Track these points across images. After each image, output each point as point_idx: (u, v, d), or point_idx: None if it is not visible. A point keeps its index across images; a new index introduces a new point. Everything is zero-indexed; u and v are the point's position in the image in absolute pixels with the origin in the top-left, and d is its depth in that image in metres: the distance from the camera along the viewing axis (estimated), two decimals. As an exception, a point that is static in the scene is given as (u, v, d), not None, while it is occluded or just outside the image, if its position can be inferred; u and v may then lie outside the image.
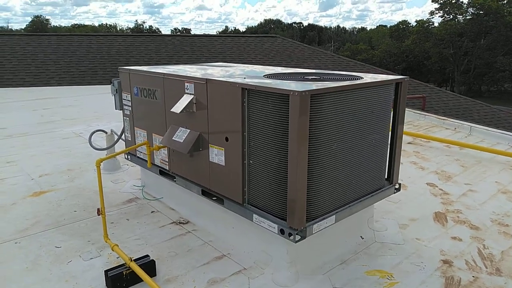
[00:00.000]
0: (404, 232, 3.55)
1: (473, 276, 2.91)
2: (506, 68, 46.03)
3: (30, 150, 5.95)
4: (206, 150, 3.14)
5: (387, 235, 3.48)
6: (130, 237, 3.45)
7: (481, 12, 48.25)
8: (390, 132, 3.23)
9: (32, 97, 10.58)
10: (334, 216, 2.80)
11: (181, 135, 3.31)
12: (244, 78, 3.00)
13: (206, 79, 3.00)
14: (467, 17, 51.34)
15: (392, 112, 3.20)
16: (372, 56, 58.83)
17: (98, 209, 3.09)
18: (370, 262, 3.08)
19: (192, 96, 3.15)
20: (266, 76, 3.16)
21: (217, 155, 3.05)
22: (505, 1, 48.60)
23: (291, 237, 2.58)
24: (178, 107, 3.16)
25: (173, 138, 3.36)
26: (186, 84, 3.21)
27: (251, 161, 2.81)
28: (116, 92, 4.19)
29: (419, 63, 55.89)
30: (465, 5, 51.36)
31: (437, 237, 3.47)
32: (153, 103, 3.66)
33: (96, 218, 3.66)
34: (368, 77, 3.07)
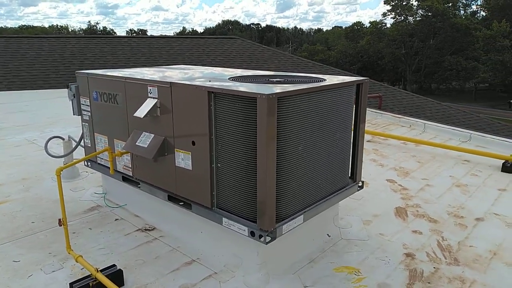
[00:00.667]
0: (368, 228, 3.66)
1: (434, 267, 3.05)
2: (453, 67, 48.67)
3: (-20, 159, 5.60)
4: (171, 154, 3.09)
5: (352, 231, 3.58)
6: (94, 246, 3.33)
7: (429, 13, 50.74)
8: (352, 132, 3.32)
9: (-22, 103, 9.96)
10: (302, 216, 2.84)
11: (145, 140, 3.24)
12: (209, 81, 2.98)
13: (170, 82, 2.96)
14: (417, 19, 53.82)
15: (354, 112, 3.29)
16: (329, 57, 60.29)
17: (60, 220, 2.96)
18: (338, 259, 3.16)
19: (156, 100, 3.09)
20: (231, 79, 3.16)
21: (183, 159, 3.01)
22: (450, 4, 51.33)
23: (262, 239, 2.59)
24: (141, 112, 3.09)
25: (136, 143, 3.28)
26: (149, 88, 3.14)
27: (219, 165, 2.80)
28: (74, 97, 4.03)
29: (373, 62, 57.92)
30: (415, 7, 53.82)
31: (399, 231, 3.61)
32: (114, 107, 3.55)
33: (57, 228, 3.50)
34: (331, 79, 3.14)
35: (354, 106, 3.28)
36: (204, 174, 2.86)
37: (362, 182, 3.51)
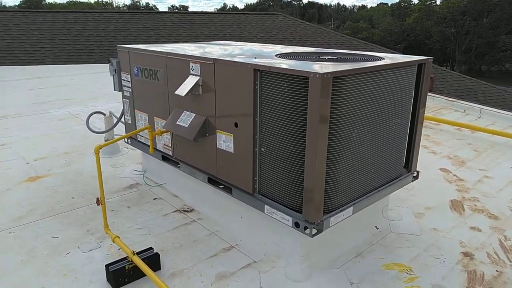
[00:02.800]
0: (420, 221, 3.38)
1: (497, 271, 2.75)
2: (508, 47, 45.50)
3: (25, 132, 5.71)
4: (213, 135, 2.92)
5: (403, 224, 3.31)
6: (131, 226, 3.26)
7: (485, -11, 47.29)
8: (410, 116, 3.01)
9: (27, 76, 10.26)
10: (352, 207, 2.61)
11: (186, 119, 3.08)
12: (255, 58, 2.76)
13: (214, 59, 2.76)
14: (471, -5, 50.36)
15: (413, 95, 2.97)
16: (372, 35, 58.02)
17: (98, 199, 2.89)
18: (387, 254, 2.91)
19: (198, 77, 2.91)
20: (278, 56, 2.92)
21: (225, 141, 2.83)
22: (510, -22, 47.63)
23: (307, 231, 2.39)
24: (183, 90, 2.92)
25: (177, 123, 3.13)
26: (191, 64, 2.96)
27: (262, 149, 2.60)
28: (115, 72, 3.93)
29: (420, 42, 55.20)
30: (469, -18, 50.35)
31: (455, 227, 3.30)
32: (155, 84, 3.41)
33: (95, 205, 3.45)
34: (389, 58, 2.82)
35: (414, 88, 2.96)
36: (247, 158, 2.68)
37: (418, 172, 3.21)
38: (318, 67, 2.29)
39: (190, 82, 2.92)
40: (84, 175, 4.25)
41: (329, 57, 2.87)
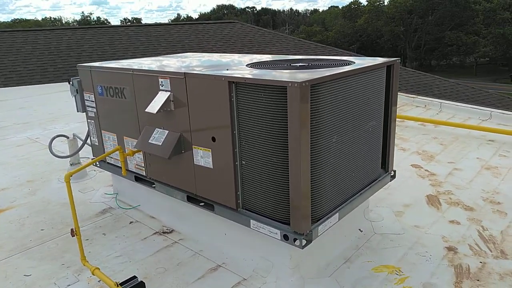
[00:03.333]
0: (401, 219, 3.42)
1: (481, 262, 2.81)
2: (453, 42, 47.99)
3: (-19, 162, 5.34)
4: (189, 152, 2.82)
5: (385, 225, 3.33)
6: (110, 254, 3.09)
7: (428, -12, 49.76)
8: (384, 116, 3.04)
9: (-24, 102, 9.65)
10: (337, 214, 2.59)
11: (159, 137, 2.96)
12: (226, 69, 2.69)
13: (184, 73, 2.67)
14: (415, -6, 52.80)
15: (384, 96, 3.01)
16: (327, 37, 59.49)
17: (72, 230, 2.71)
18: (375, 257, 2.91)
19: (169, 93, 2.81)
20: (249, 66, 2.87)
21: (203, 157, 2.74)
22: (449, -23, 50.33)
23: (297, 243, 2.34)
24: (154, 107, 2.81)
25: (149, 141, 3.00)
26: (160, 80, 2.85)
27: (243, 162, 2.53)
28: (77, 92, 3.74)
29: (372, 41, 57.19)
30: (413, -18, 52.77)
31: (435, 222, 3.37)
32: (122, 102, 3.27)
33: (68, 235, 3.25)
34: (358, 62, 2.84)
35: (385, 88, 3.00)
36: (227, 173, 2.60)
37: (394, 171, 3.24)
38: (294, 76, 2.26)
39: (161, 98, 2.81)
40: (52, 204, 4.00)
41: (300, 64, 2.85)
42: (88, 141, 3.93)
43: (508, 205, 3.59)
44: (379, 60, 2.88)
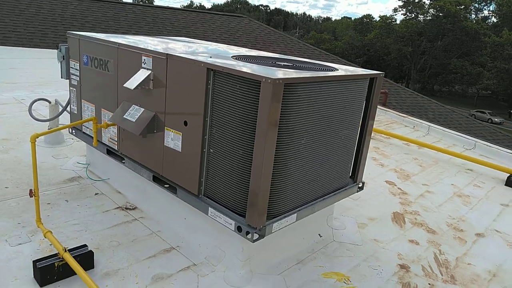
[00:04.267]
0: (363, 231, 3.45)
1: (429, 284, 2.85)
2: (458, 70, 48.31)
3: (-39, 114, 5.30)
4: (161, 132, 2.82)
5: (346, 234, 3.36)
6: (68, 221, 3.08)
7: (440, 14, 50.08)
8: (359, 128, 3.07)
9: (-30, 55, 9.57)
10: (295, 214, 2.61)
11: (134, 113, 2.96)
12: (210, 57, 2.70)
13: (167, 54, 2.67)
14: (428, 18, 53.14)
15: (363, 108, 3.03)
16: (335, 47, 59.59)
17: (31, 190, 2.71)
18: (327, 263, 2.94)
19: (150, 71, 2.81)
20: (234, 58, 2.88)
21: (173, 139, 2.74)
22: (462, 7, 50.65)
23: (249, 236, 2.36)
24: (132, 83, 2.81)
25: (124, 116, 3.00)
26: (143, 57, 2.85)
27: (211, 150, 2.54)
28: (63, 58, 3.73)
29: (379, 57, 57.38)
30: (427, 5, 53.05)
31: (395, 239, 3.40)
32: (105, 75, 3.26)
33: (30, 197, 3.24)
34: (342, 70, 2.86)
35: (365, 101, 3.02)
36: (194, 158, 2.61)
37: (363, 183, 3.27)
38: (272, 72, 2.27)
39: (141, 75, 2.81)
40: (22, 164, 3.99)
41: (285, 63, 2.86)
42: (68, 108, 3.92)
43: (469, 234, 3.64)
44: (362, 71, 2.90)
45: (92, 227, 3.04)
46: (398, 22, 56.91)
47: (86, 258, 2.53)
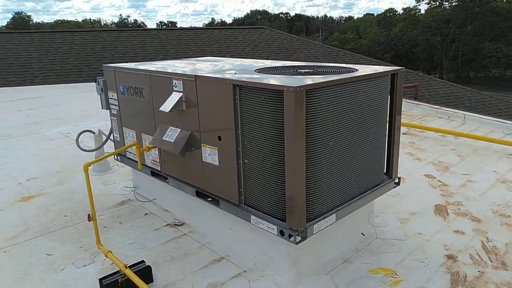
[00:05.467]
0: (406, 226, 3.47)
1: (479, 271, 2.84)
2: (493, 54, 46.35)
3: (16, 152, 5.75)
4: (198, 149, 3.01)
5: (388, 230, 3.40)
6: (124, 241, 3.32)
7: (466, -2, 48.36)
8: (388, 124, 3.13)
9: (16, 97, 10.30)
10: (334, 214, 2.70)
11: (172, 134, 3.17)
12: (235, 73, 2.87)
13: (195, 75, 2.86)
14: (453, 4, 51.52)
15: (389, 104, 3.10)
16: (360, 45, 58.82)
17: (89, 215, 2.95)
18: (373, 259, 3.00)
19: (181, 93, 3.01)
20: (257, 71, 3.03)
21: (210, 154, 2.92)
22: (490, -13, 48.75)
23: (292, 239, 2.47)
24: (167, 106, 3.02)
25: (163, 138, 3.22)
26: (174, 81, 3.06)
27: (246, 161, 2.69)
28: (102, 91, 4.02)
29: (407, 51, 56.03)
30: (451, -9, 51.46)
31: (439, 231, 3.40)
32: (141, 101, 3.51)
33: (88, 222, 3.51)
34: (363, 69, 2.95)
35: (389, 97, 3.09)
36: (231, 170, 2.76)
37: (399, 178, 3.31)
38: (293, 81, 2.40)
39: (174, 98, 3.02)
40: (77, 193, 4.30)
41: (306, 70, 2.99)
42: (112, 137, 4.20)
43: (517, 218, 3.58)
44: (383, 68, 2.98)
45: (146, 244, 3.25)
46: (422, 12, 55.57)
47: (145, 273, 2.73)
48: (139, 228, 3.51)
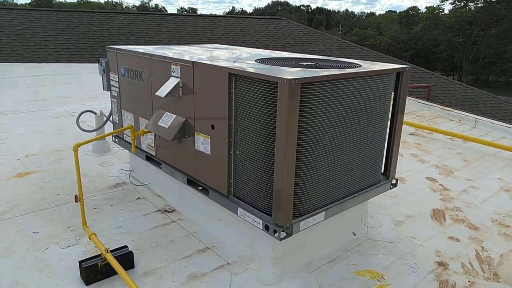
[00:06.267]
0: (399, 229, 3.38)
1: (469, 281, 2.75)
2: (516, 58, 45.14)
3: (20, 128, 5.79)
4: (192, 137, 2.96)
5: (381, 232, 3.32)
6: (111, 224, 3.30)
7: (493, 0, 47.17)
8: (388, 124, 3.03)
9: (29, 74, 10.38)
10: (323, 212, 2.63)
11: (167, 120, 3.12)
12: (233, 62, 2.79)
13: (193, 61, 2.80)
14: (479, 5, 50.28)
15: (392, 103, 2.99)
16: (380, 42, 57.96)
17: (76, 196, 2.93)
18: (361, 261, 2.92)
19: (179, 79, 2.95)
20: (258, 61, 2.95)
21: (202, 143, 2.86)
22: (519, -11, 47.39)
23: (276, 234, 2.41)
24: (163, 91, 2.96)
25: (158, 123, 3.17)
26: (172, 66, 3.00)
27: (237, 152, 2.63)
28: (104, 72, 3.99)
29: (427, 50, 55.03)
30: (478, -8, 50.23)
31: (434, 236, 3.31)
32: (140, 85, 3.46)
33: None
34: (368, 66, 2.85)
35: (393, 96, 2.98)
36: (222, 160, 2.71)
37: (396, 180, 3.22)
38: (289, 73, 2.32)
39: (171, 83, 2.96)
40: (72, 173, 4.28)
41: (308, 63, 2.90)
42: (111, 118, 4.17)
43: (516, 229, 3.46)
44: (387, 66, 2.87)
45: (133, 229, 3.23)
46: (446, 12, 54.36)
47: (126, 258, 2.70)
48: (129, 212, 3.49)
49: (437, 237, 3.29)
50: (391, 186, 3.21)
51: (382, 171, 3.16)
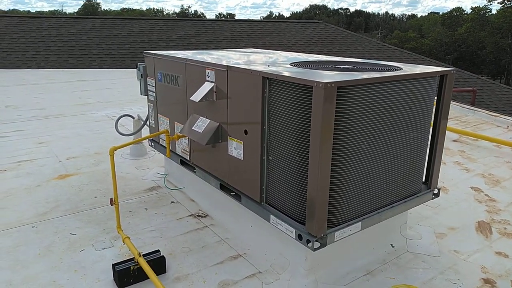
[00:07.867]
0: (441, 242, 3.19)
1: (519, 301, 2.55)
2: None
3: (63, 131, 6.01)
4: (225, 142, 2.93)
5: (421, 244, 3.14)
6: (145, 228, 3.32)
7: (545, -1, 44.61)
8: (431, 130, 2.87)
9: (73, 79, 10.82)
10: (360, 223, 2.52)
11: (201, 125, 3.11)
12: (268, 66, 2.74)
13: (227, 66, 2.77)
14: (530, 5, 47.68)
15: (434, 108, 2.84)
16: (421, 45, 56.19)
17: (111, 199, 2.97)
18: (399, 274, 2.78)
19: (213, 84, 2.94)
20: (293, 64, 2.88)
21: (236, 148, 2.83)
22: None
23: (309, 244, 2.33)
24: (197, 95, 2.96)
25: (192, 128, 3.17)
26: (207, 71, 3.00)
27: (270, 158, 2.57)
28: (141, 77, 4.05)
29: (472, 53, 52.76)
30: (529, -9, 47.70)
31: (479, 250, 3.10)
32: (176, 89, 3.48)
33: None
34: (409, 69, 2.71)
35: (436, 100, 2.83)
36: (255, 166, 2.66)
37: (438, 189, 3.05)
38: (325, 76, 2.24)
39: (205, 88, 2.95)
40: (110, 176, 4.38)
41: (345, 66, 2.80)
42: (148, 123, 4.23)
43: None
44: (430, 69, 2.72)
45: (166, 233, 3.24)
46: (494, 12, 51.92)
47: (158, 263, 2.70)
48: (162, 216, 3.51)
49: (483, 252, 3.08)
50: (433, 196, 3.04)
51: (424, 180, 3.00)
